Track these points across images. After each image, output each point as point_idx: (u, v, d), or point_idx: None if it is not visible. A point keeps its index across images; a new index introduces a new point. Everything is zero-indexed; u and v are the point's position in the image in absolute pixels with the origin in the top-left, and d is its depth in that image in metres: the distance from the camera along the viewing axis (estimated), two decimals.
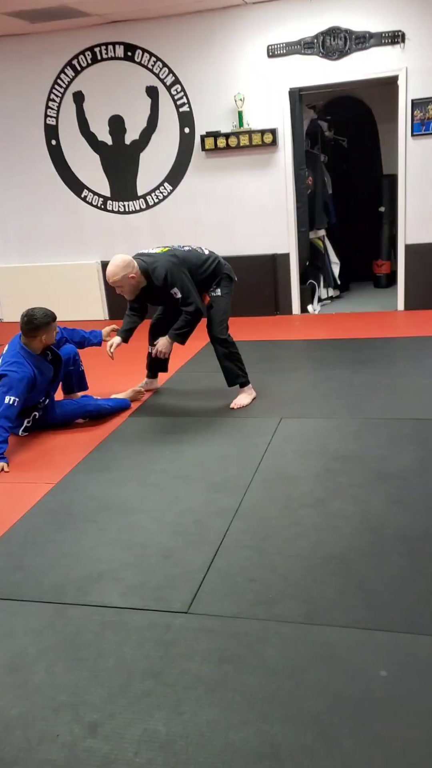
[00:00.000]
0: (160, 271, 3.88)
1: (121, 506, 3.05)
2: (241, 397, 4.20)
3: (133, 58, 6.19)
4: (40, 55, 6.35)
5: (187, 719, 1.77)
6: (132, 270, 3.86)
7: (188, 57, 6.09)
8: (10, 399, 3.62)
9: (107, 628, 2.19)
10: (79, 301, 6.90)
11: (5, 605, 2.37)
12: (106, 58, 6.25)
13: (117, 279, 3.85)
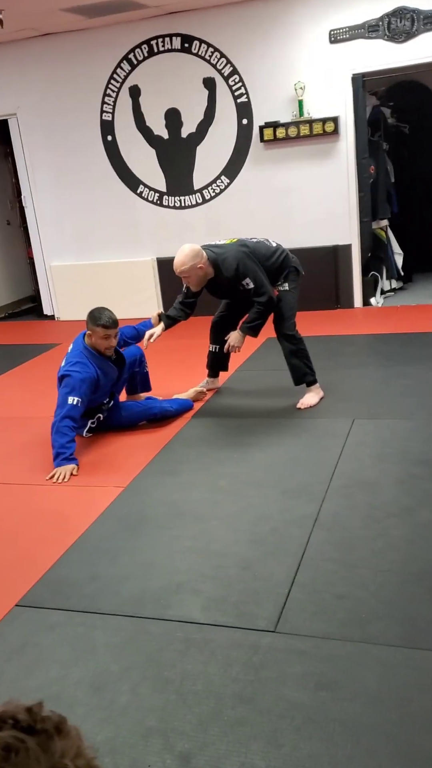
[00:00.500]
0: (231, 261, 3.76)
1: (193, 512, 2.95)
2: (308, 397, 4.06)
3: (190, 50, 6.07)
4: (95, 50, 6.29)
5: (287, 753, 1.66)
6: (201, 260, 3.74)
7: (247, 46, 5.94)
8: (73, 400, 3.56)
9: (191, 646, 2.09)
10: (133, 299, 6.83)
11: (84, 618, 2.29)
12: (163, 51, 6.14)
13: (185, 269, 3.73)
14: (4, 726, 0.56)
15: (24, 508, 3.20)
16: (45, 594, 2.45)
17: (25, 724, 0.56)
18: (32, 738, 0.54)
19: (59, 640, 2.19)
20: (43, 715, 0.58)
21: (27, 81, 6.54)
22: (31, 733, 0.55)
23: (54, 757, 0.53)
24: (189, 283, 3.86)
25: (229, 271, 3.77)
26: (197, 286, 3.88)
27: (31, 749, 0.53)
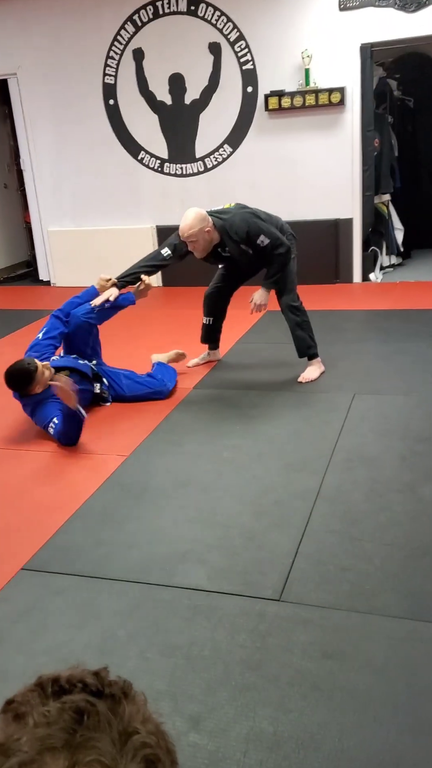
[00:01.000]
0: (240, 224, 3.71)
1: (197, 483, 2.97)
2: (309, 371, 4.06)
3: (196, 13, 5.93)
4: (99, 10, 6.13)
5: (295, 719, 1.69)
6: (208, 223, 3.68)
7: (254, 11, 5.81)
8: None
9: (197, 613, 2.12)
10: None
11: (90, 583, 2.32)
12: (168, 13, 6.00)
13: (194, 232, 3.66)
14: (73, 689, 0.55)
15: (26, 474, 3.20)
16: (51, 558, 2.47)
17: (94, 688, 0.56)
18: (102, 702, 0.54)
19: (66, 604, 2.21)
20: (110, 679, 0.58)
21: (28, 40, 6.38)
22: (99, 697, 0.55)
23: (124, 721, 0.53)
24: (195, 249, 3.78)
25: (240, 234, 3.71)
26: (203, 251, 3.82)
27: (101, 713, 0.53)
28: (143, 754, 0.51)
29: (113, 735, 0.51)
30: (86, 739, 0.50)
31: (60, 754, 0.49)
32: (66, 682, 0.56)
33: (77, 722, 0.51)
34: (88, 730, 0.51)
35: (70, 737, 0.50)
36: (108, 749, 0.50)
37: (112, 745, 0.50)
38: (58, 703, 0.53)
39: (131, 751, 0.51)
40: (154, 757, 0.52)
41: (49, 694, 0.55)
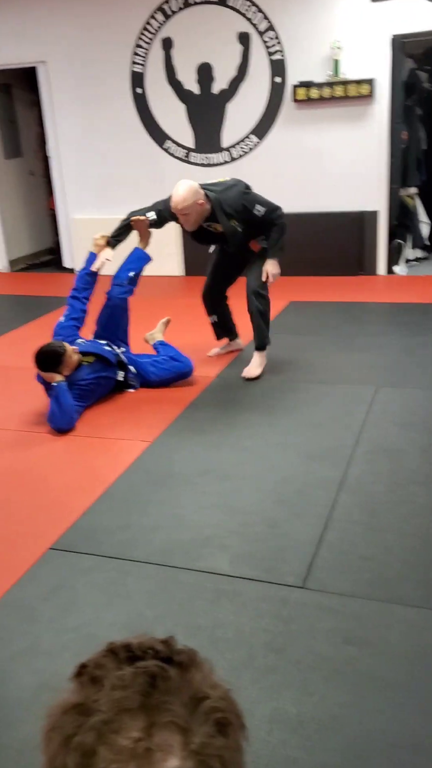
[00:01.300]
0: (235, 198, 3.69)
1: (218, 470, 3.01)
2: (254, 365, 4.02)
3: (226, 2, 5.91)
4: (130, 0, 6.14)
5: (317, 701, 1.74)
6: (201, 195, 3.64)
7: (285, 1, 5.78)
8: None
9: (221, 596, 2.17)
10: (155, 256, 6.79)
11: (116, 564, 2.37)
12: (198, 2, 5.99)
13: (187, 205, 3.61)
14: (145, 656, 0.58)
15: (53, 457, 3.26)
16: (78, 539, 2.53)
17: (164, 655, 0.58)
18: (172, 668, 0.57)
19: (93, 584, 2.27)
20: (177, 647, 0.60)
21: (58, 28, 6.40)
22: (169, 663, 0.57)
23: (193, 687, 0.56)
24: (186, 222, 3.72)
25: (236, 206, 3.69)
26: (195, 224, 3.76)
27: (173, 678, 0.55)
28: (214, 717, 0.53)
29: (185, 699, 0.54)
30: (161, 702, 0.53)
31: (138, 715, 0.52)
32: (137, 648, 0.59)
33: (151, 686, 0.54)
34: (161, 693, 0.54)
35: (146, 700, 0.53)
36: (181, 712, 0.53)
37: (185, 709, 0.53)
38: (132, 667, 0.56)
39: (203, 714, 0.53)
40: (225, 720, 0.54)
41: (122, 659, 0.58)
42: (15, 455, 3.29)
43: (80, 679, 0.58)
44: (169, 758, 0.50)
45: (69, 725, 0.53)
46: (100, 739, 0.51)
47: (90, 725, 0.52)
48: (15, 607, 2.19)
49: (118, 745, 0.51)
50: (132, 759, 0.50)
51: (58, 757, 0.52)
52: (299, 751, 1.60)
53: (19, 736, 1.72)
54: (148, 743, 0.51)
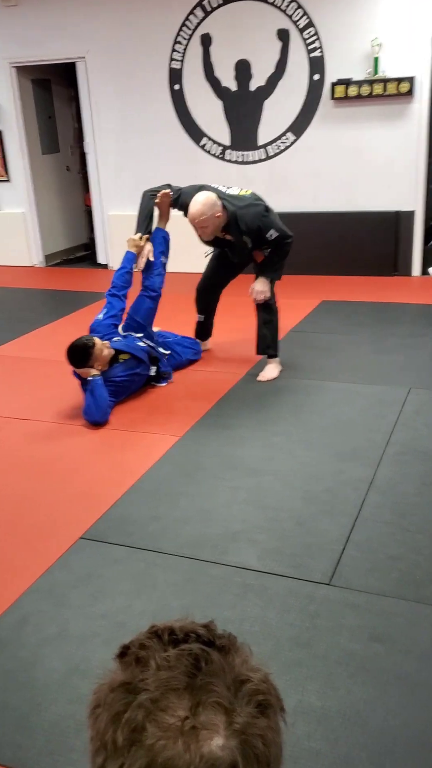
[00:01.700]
0: (252, 219, 3.67)
1: (247, 466, 3.03)
2: (268, 369, 4.05)
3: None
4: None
5: (342, 696, 1.75)
6: (219, 208, 3.64)
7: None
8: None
9: (249, 591, 2.19)
10: (188, 255, 6.83)
11: (145, 555, 2.41)
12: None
13: (205, 218, 3.62)
14: (188, 639, 0.60)
15: (84, 449, 3.32)
16: (108, 530, 2.57)
17: (206, 638, 0.60)
18: (214, 651, 0.59)
19: (122, 574, 2.31)
20: (218, 632, 0.62)
21: (98, 24, 6.47)
22: (211, 647, 0.59)
23: (235, 670, 0.58)
24: (203, 234, 3.75)
25: (251, 227, 3.68)
26: (211, 236, 3.78)
27: (215, 661, 0.57)
28: (256, 699, 0.56)
29: (227, 681, 0.56)
30: (205, 683, 0.55)
31: (183, 695, 0.55)
32: (180, 631, 0.61)
33: (195, 668, 0.56)
34: (205, 675, 0.56)
35: (191, 680, 0.55)
36: (225, 693, 0.55)
37: (228, 690, 0.55)
38: (176, 650, 0.58)
39: (246, 696, 0.55)
40: (266, 702, 0.57)
41: (165, 641, 0.60)
42: (49, 446, 3.35)
43: (124, 660, 0.60)
44: (215, 737, 0.52)
45: (117, 702, 0.56)
46: (149, 716, 0.53)
47: (138, 703, 0.54)
48: (46, 593, 2.24)
49: (165, 723, 0.53)
50: (179, 736, 0.52)
51: (108, 732, 0.55)
52: (323, 743, 1.61)
53: (49, 718, 1.76)
54: (194, 721, 0.53)
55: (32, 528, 2.63)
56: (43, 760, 1.64)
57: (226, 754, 0.52)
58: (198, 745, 0.52)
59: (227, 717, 0.54)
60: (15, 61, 6.87)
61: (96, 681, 0.60)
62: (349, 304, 5.44)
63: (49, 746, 1.68)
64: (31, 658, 1.97)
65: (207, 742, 0.52)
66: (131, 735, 0.53)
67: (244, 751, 0.53)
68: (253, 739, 0.54)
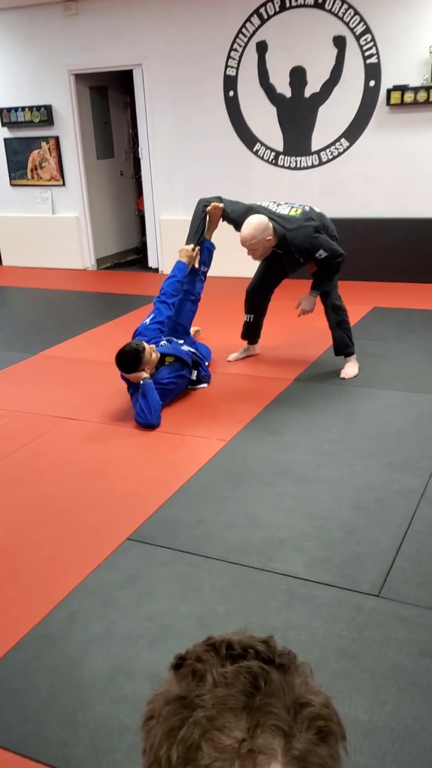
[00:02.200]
0: (302, 241, 3.72)
1: (295, 473, 3.00)
2: (349, 367, 4.11)
3: (324, 6, 5.88)
4: (227, 3, 6.21)
5: (390, 711, 1.71)
6: (270, 232, 3.70)
7: (383, 3, 5.70)
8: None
9: (295, 599, 2.17)
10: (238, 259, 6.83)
11: (191, 559, 2.41)
12: (295, 6, 5.99)
13: (255, 242, 3.70)
14: (247, 655, 0.57)
15: (132, 451, 3.34)
16: (154, 532, 2.58)
17: (265, 656, 0.57)
18: (273, 670, 0.56)
19: (168, 576, 2.31)
20: (278, 649, 0.59)
21: (155, 32, 6.55)
22: (270, 665, 0.56)
23: (294, 692, 0.55)
24: (254, 254, 3.82)
25: (300, 249, 3.75)
26: (263, 256, 3.88)
27: (275, 681, 0.55)
28: (317, 725, 0.53)
29: (287, 703, 0.53)
30: (264, 704, 0.52)
31: (241, 715, 0.52)
32: (238, 646, 0.58)
33: (254, 687, 0.53)
34: (264, 695, 0.53)
35: (249, 700, 0.53)
36: (284, 716, 0.52)
37: (287, 713, 0.52)
38: (234, 666, 0.55)
39: (306, 720, 0.52)
40: (328, 729, 0.53)
41: (223, 656, 0.57)
42: (98, 447, 3.39)
43: (180, 671, 0.58)
44: (272, 762, 0.50)
45: (173, 717, 0.53)
46: (204, 734, 0.51)
47: (194, 720, 0.52)
48: (94, 592, 2.26)
49: (221, 744, 0.50)
50: (236, 759, 0.49)
51: (162, 748, 0.53)
52: (370, 758, 1.57)
53: (94, 716, 1.77)
54: (251, 744, 0.50)
55: (81, 527, 2.66)
56: (87, 759, 1.65)
57: None
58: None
59: (286, 742, 0.51)
60: (74, 69, 7.01)
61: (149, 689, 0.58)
62: (401, 311, 5.36)
63: (93, 745, 1.69)
64: (78, 656, 1.98)
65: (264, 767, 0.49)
66: (186, 753, 0.51)
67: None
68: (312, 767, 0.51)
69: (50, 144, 7.37)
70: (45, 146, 7.40)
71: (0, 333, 5.42)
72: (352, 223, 6.25)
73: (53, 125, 7.27)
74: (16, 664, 1.97)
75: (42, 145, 7.41)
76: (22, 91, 7.25)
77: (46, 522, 2.72)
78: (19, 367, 4.60)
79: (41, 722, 1.76)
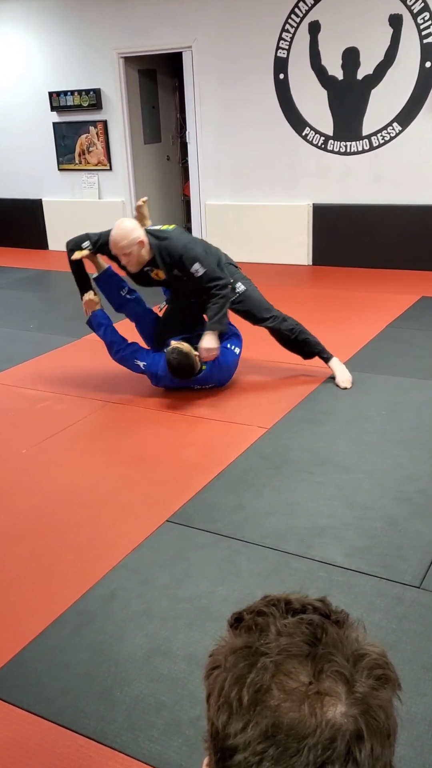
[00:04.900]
0: (174, 247, 3.48)
1: (337, 462, 2.97)
2: (340, 372, 3.80)
3: None
4: None
5: (429, 702, 1.69)
6: (140, 233, 3.46)
7: None
8: None
9: (333, 587, 2.15)
10: (284, 244, 6.79)
11: (230, 543, 2.41)
12: None
13: (125, 244, 3.43)
14: (306, 610, 0.61)
15: (173, 435, 3.35)
16: (194, 515, 2.59)
17: (323, 611, 0.61)
18: (331, 624, 0.59)
19: (207, 559, 2.32)
20: (333, 606, 0.62)
21: (205, 13, 6.49)
22: (327, 619, 0.60)
23: (352, 643, 0.58)
24: (128, 263, 3.54)
25: (173, 256, 3.48)
26: (137, 265, 3.56)
27: (333, 632, 0.58)
28: (376, 673, 0.56)
29: (346, 653, 0.56)
30: (326, 653, 0.56)
31: (305, 662, 0.55)
32: (296, 602, 0.61)
33: (315, 637, 0.57)
34: (325, 645, 0.56)
35: (312, 649, 0.56)
36: (345, 664, 0.55)
37: (347, 662, 0.56)
38: (295, 618, 0.59)
39: (365, 669, 0.56)
40: (386, 676, 0.57)
41: (283, 610, 0.60)
42: (139, 431, 3.41)
43: (241, 626, 0.61)
44: (338, 704, 0.53)
45: (240, 664, 0.57)
46: (273, 678, 0.54)
47: (262, 666, 0.55)
48: (133, 572, 2.28)
49: (289, 686, 0.54)
50: (305, 699, 0.53)
51: (233, 692, 0.56)
52: (408, 749, 1.56)
53: (131, 694, 1.79)
54: (318, 687, 0.54)
55: (122, 508, 2.69)
56: (124, 734, 1.67)
57: (350, 722, 0.53)
58: (323, 710, 0.53)
59: (348, 687, 0.54)
60: (123, 52, 7.01)
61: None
62: None
63: (130, 721, 1.71)
64: (117, 633, 2.01)
65: (331, 709, 0.53)
66: (255, 695, 0.54)
67: (366, 720, 0.53)
68: (375, 710, 0.54)
69: (98, 128, 7.40)
70: (93, 130, 7.44)
71: (47, 317, 5.49)
72: (401, 210, 6.12)
73: (101, 109, 7.29)
74: (57, 638, 2.01)
75: (90, 130, 7.45)
76: (71, 75, 7.29)
77: (87, 502, 2.76)
78: (65, 351, 4.66)
79: (80, 696, 1.80)
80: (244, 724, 0.54)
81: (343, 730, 0.52)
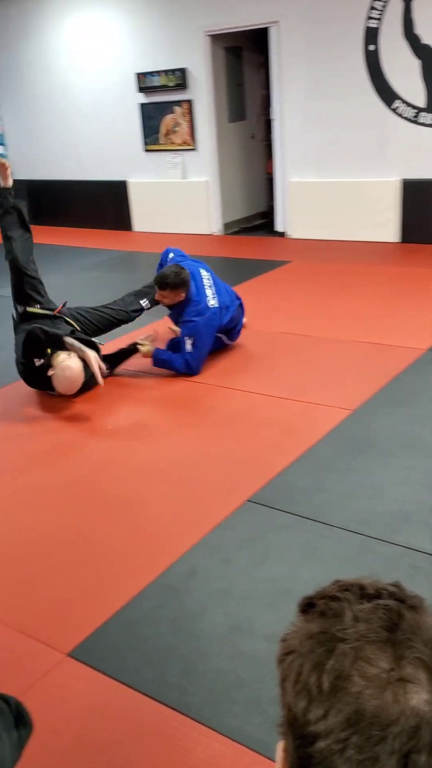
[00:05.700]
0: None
1: (426, 447, 2.88)
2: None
3: None
4: None
5: None
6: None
7: None
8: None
9: (419, 573, 2.09)
10: (371, 222, 6.59)
11: (311, 525, 2.39)
12: None
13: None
14: (381, 595, 0.59)
15: (255, 415, 3.34)
16: (274, 496, 2.58)
17: (398, 596, 0.59)
18: (407, 609, 0.57)
19: (288, 540, 2.31)
20: (407, 591, 0.61)
21: None
22: (402, 604, 0.58)
23: (429, 629, 0.56)
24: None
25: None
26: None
27: (410, 618, 0.56)
28: None
29: (425, 638, 0.54)
30: (405, 639, 0.54)
31: (385, 648, 0.54)
32: (370, 587, 0.60)
33: (392, 622, 0.55)
34: (403, 631, 0.55)
35: (391, 635, 0.54)
36: (424, 650, 0.54)
37: (426, 647, 0.54)
38: (371, 603, 0.57)
39: None
40: None
41: (358, 595, 0.59)
42: (220, 410, 3.43)
43: (313, 611, 0.60)
44: (420, 691, 0.52)
45: (317, 649, 0.56)
46: (353, 664, 0.53)
47: (342, 651, 0.54)
48: (213, 550, 2.30)
49: (370, 673, 0.53)
50: (386, 686, 0.52)
51: (312, 677, 0.55)
52: None
53: (212, 667, 1.82)
54: (400, 674, 0.52)
55: (203, 486, 2.72)
56: (206, 707, 1.70)
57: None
58: (406, 697, 0.51)
59: (429, 674, 0.53)
60: (209, 30, 6.95)
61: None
62: None
63: (212, 695, 1.73)
64: (198, 610, 2.03)
65: (415, 696, 0.52)
66: (336, 682, 0.53)
67: None
68: None
69: (183, 108, 7.40)
70: (178, 110, 7.45)
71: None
72: None
73: (187, 88, 7.28)
74: (140, 611, 2.05)
75: (175, 110, 7.46)
76: (157, 55, 7.30)
77: (169, 479, 2.80)
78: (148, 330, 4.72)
79: (163, 668, 1.83)
80: (324, 710, 0.53)
81: (427, 719, 0.51)
